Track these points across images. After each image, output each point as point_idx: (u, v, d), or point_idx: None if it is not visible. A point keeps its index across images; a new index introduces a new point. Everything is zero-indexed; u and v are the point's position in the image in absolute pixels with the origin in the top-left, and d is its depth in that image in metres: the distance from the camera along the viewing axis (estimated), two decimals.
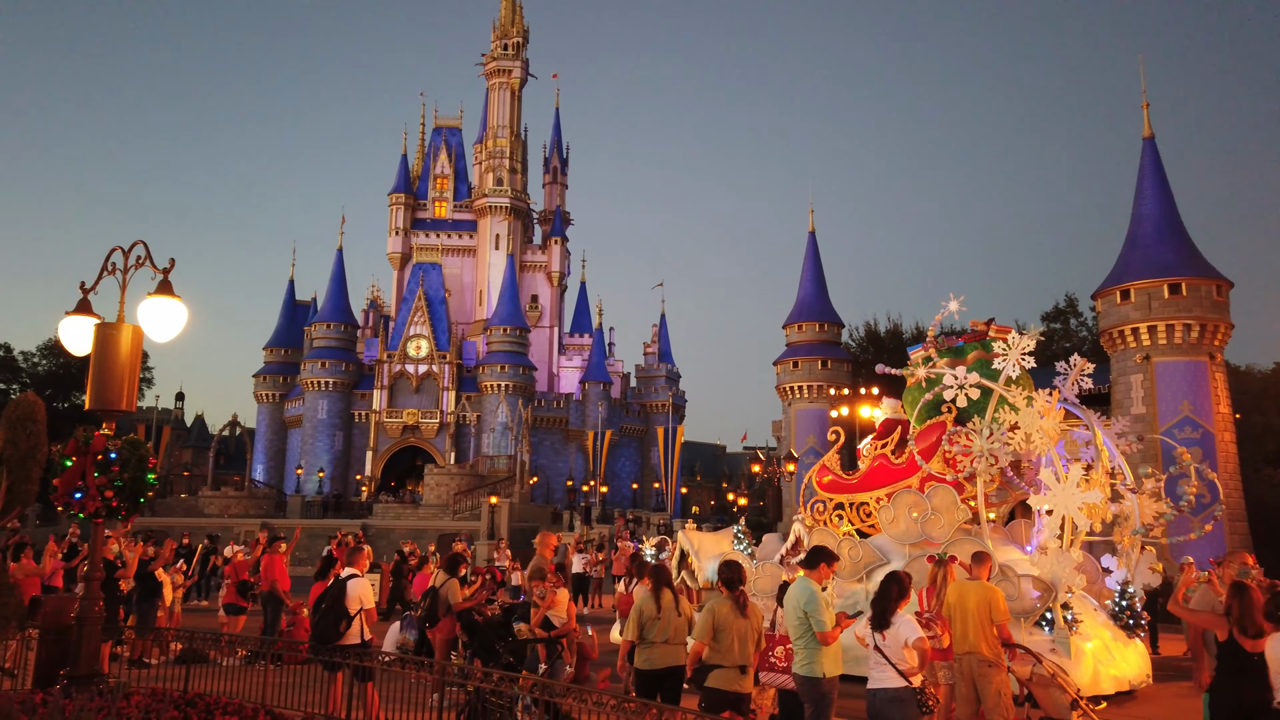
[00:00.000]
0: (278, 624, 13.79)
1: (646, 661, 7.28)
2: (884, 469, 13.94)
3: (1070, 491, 11.10)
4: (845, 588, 12.99)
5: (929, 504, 12.54)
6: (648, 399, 69.76)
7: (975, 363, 13.31)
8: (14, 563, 11.97)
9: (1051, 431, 11.58)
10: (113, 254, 7.46)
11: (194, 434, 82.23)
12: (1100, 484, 11.68)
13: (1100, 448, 12.44)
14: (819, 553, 7.21)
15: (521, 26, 70.74)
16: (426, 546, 27.26)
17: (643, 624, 7.26)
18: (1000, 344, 12.49)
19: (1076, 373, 12.91)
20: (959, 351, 13.87)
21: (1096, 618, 11.61)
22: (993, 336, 13.40)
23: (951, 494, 12.45)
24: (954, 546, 11.80)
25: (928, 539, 12.37)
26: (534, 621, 10.44)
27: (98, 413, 7.18)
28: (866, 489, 13.95)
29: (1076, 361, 13.01)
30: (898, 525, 12.86)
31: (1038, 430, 11.41)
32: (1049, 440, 11.54)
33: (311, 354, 61.76)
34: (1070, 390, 12.98)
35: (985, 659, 7.52)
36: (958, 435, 12.39)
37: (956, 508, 12.34)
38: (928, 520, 12.47)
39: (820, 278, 47.78)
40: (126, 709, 6.10)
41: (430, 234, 68.29)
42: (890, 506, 13.03)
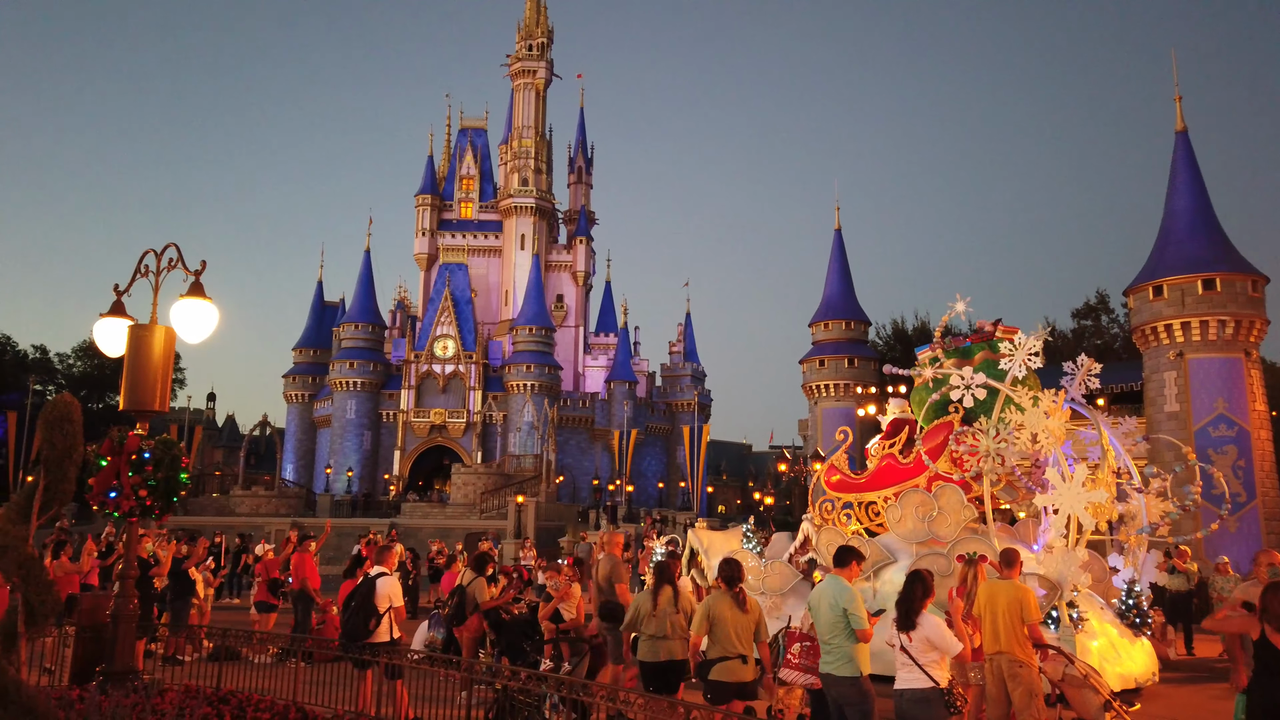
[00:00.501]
0: (308, 622, 13.93)
1: (649, 654, 7.68)
2: (891, 468, 14.11)
3: (1075, 491, 11.17)
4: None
5: (936, 503, 12.68)
6: (673, 398, 69.71)
7: (982, 363, 13.43)
8: (53, 561, 12.19)
9: (1057, 431, 11.66)
10: (145, 256, 7.57)
11: (225, 434, 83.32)
12: (1106, 483, 11.72)
13: (1106, 447, 12.48)
14: (848, 551, 7.23)
15: (546, 27, 70.93)
16: (454, 545, 27.44)
17: (638, 618, 7.71)
18: (1007, 344, 12.60)
19: (1084, 373, 12.94)
20: (966, 352, 14.05)
21: (1103, 616, 11.58)
22: (999, 337, 13.47)
23: (958, 493, 12.59)
24: (960, 545, 11.94)
25: (934, 538, 12.49)
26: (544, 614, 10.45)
27: (132, 413, 7.28)
28: (874, 488, 14.09)
29: (1084, 361, 13.06)
30: (905, 524, 12.99)
31: (1044, 430, 11.50)
32: (1055, 440, 11.60)
33: (340, 355, 62.34)
34: (1077, 390, 13.01)
35: (1016, 660, 7.45)
36: (964, 435, 12.52)
37: (963, 507, 12.48)
38: (934, 519, 12.61)
39: (846, 275, 47.51)
40: (161, 705, 6.19)
41: (456, 235, 68.65)
42: (897, 506, 13.16)
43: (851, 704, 6.71)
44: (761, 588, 13.64)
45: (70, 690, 6.76)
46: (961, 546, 11.78)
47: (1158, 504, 12.82)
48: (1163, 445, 29.84)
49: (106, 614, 7.49)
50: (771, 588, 13.73)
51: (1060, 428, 11.78)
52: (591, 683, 6.77)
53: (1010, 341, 12.54)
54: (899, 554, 13.06)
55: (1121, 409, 32.40)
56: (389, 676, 8.07)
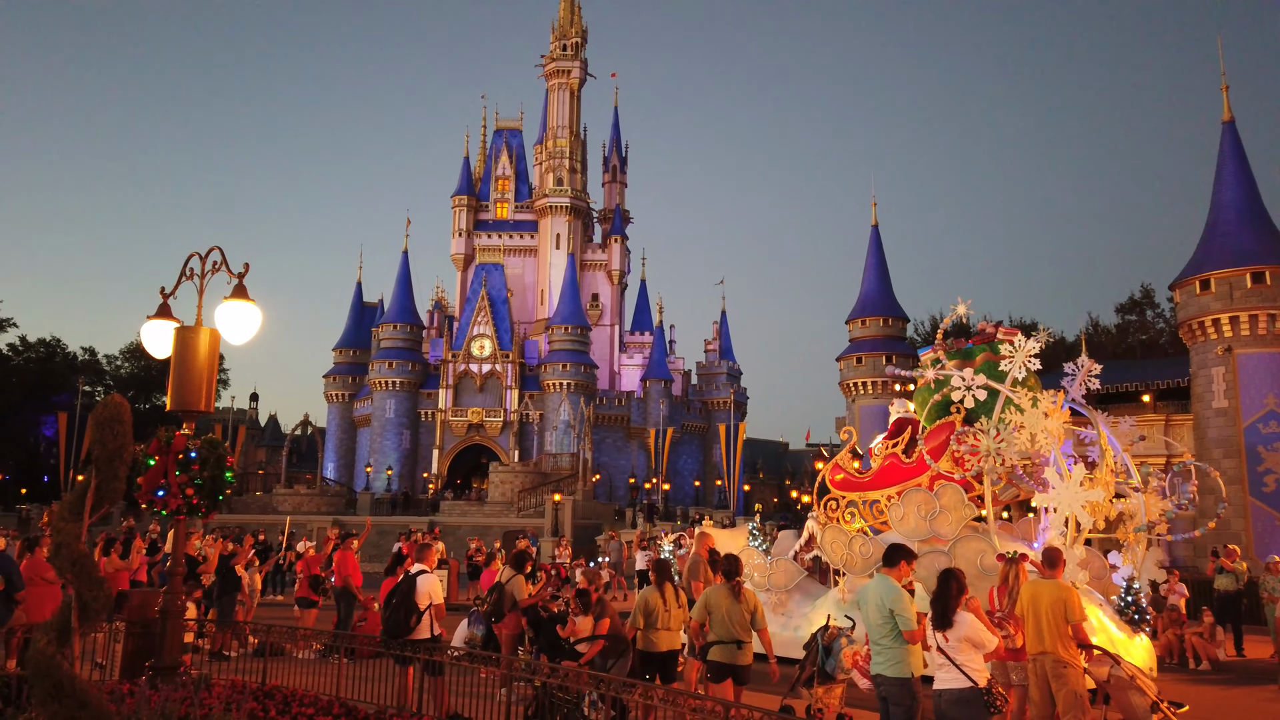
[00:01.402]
0: (350, 618, 14.11)
1: (649, 645, 8.33)
2: (895, 467, 14.41)
3: (1074, 490, 11.37)
4: (856, 583, 13.40)
5: (937, 502, 12.96)
6: (709, 396, 69.59)
7: (983, 364, 13.65)
8: (103, 558, 12.49)
9: (1056, 431, 11.91)
10: (190, 260, 7.71)
11: (267, 433, 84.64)
12: (1104, 482, 11.89)
13: (1105, 447, 12.66)
14: (897, 550, 7.15)
15: (580, 27, 71.12)
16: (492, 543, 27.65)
17: (649, 614, 8.32)
18: (1007, 346, 12.81)
19: (1084, 373, 13.14)
20: (968, 353, 14.39)
21: (1101, 612, 11.58)
22: (1000, 339, 13.75)
23: (959, 492, 12.87)
24: (961, 543, 12.21)
25: (936, 536, 12.75)
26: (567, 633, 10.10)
27: (178, 413, 7.43)
28: (878, 487, 14.39)
29: (1084, 362, 13.28)
30: (907, 522, 13.28)
31: (1043, 430, 11.75)
32: (1054, 440, 11.84)
33: (379, 355, 63.06)
34: (1077, 391, 13.22)
35: (1061, 660, 7.33)
36: (965, 435, 12.80)
37: (964, 505, 12.77)
38: (936, 518, 12.90)
39: (884, 271, 47.09)
40: (208, 699, 6.30)
41: (492, 235, 69.11)
42: (900, 504, 13.46)
43: (898, 704, 6.66)
44: (767, 584, 14.02)
45: (121, 685, 6.92)
46: (962, 544, 12.14)
47: (1156, 502, 13.00)
48: (1210, 442, 29.23)
49: (155, 610, 7.65)
50: (777, 584, 14.09)
51: (1058, 428, 12.01)
52: (630, 680, 6.77)
53: (1011, 343, 12.78)
54: None
55: (1168, 405, 31.83)
56: (430, 673, 8.15)
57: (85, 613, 4.77)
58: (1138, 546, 12.94)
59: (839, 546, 13.52)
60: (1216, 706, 10.69)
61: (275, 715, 6.73)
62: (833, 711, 8.57)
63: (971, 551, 12.13)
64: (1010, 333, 13.76)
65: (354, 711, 7.05)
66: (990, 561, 11.68)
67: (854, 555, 13.15)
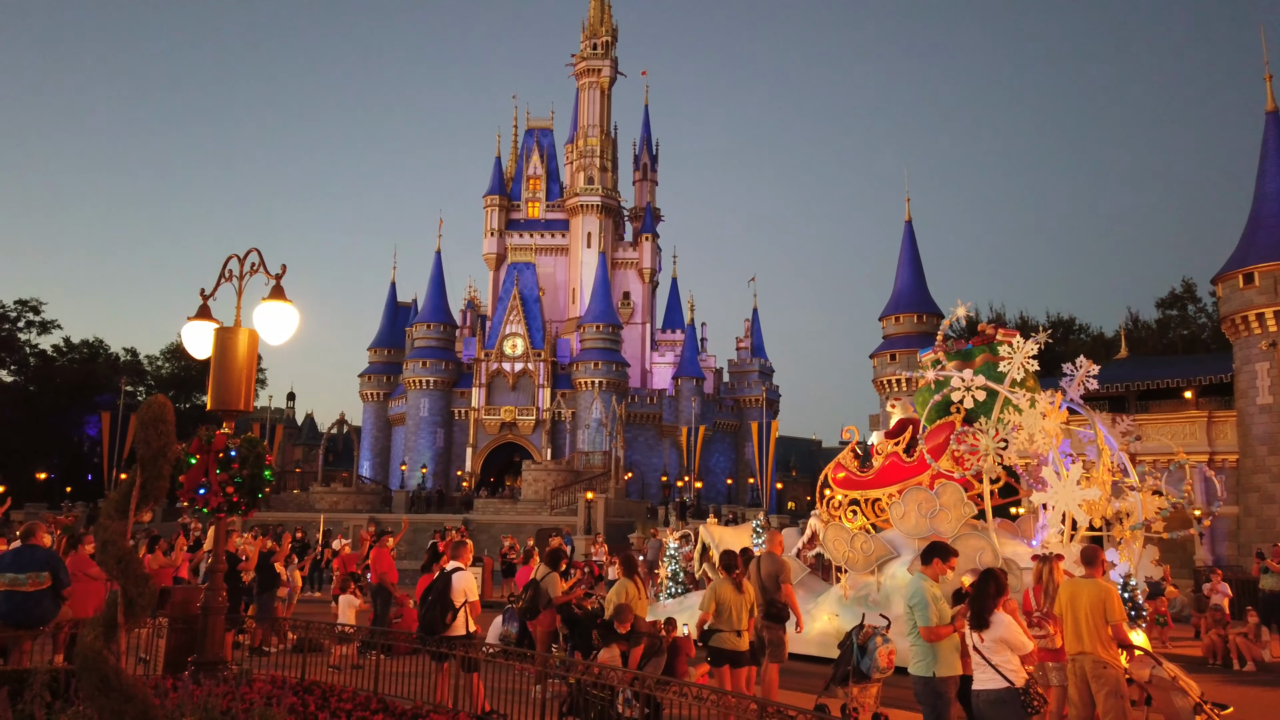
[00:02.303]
0: (387, 615, 14.26)
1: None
2: (896, 466, 14.73)
3: (1070, 488, 11.58)
4: (858, 579, 13.67)
5: (938, 500, 13.25)
6: (741, 394, 69.40)
7: (982, 365, 14.02)
8: (148, 554, 12.73)
9: (1053, 431, 12.19)
10: (229, 262, 7.84)
11: (304, 432, 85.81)
12: (1101, 481, 12.10)
13: (1102, 446, 12.87)
14: (933, 549, 7.13)
15: (610, 25, 71.20)
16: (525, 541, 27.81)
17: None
18: (1006, 347, 13.08)
19: (1083, 374, 13.34)
20: (967, 355, 14.77)
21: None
22: (999, 340, 14.07)
23: (959, 491, 13.17)
24: (960, 541, 12.48)
25: (936, 533, 12.94)
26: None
27: (218, 412, 7.56)
28: (879, 485, 14.78)
29: (1082, 363, 13.52)
30: (908, 520, 13.54)
31: (1040, 430, 12.04)
32: (1051, 439, 12.11)
33: (413, 354, 63.62)
34: (1076, 391, 13.40)
35: (1100, 660, 7.23)
36: (965, 435, 13.01)
37: (963, 504, 13.08)
38: (936, 516, 13.19)
39: (918, 267, 46.66)
40: (249, 694, 6.41)
41: (524, 234, 69.43)
42: (901, 502, 13.72)
43: (922, 702, 6.63)
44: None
45: (164, 679, 7.05)
46: (961, 542, 12.31)
47: (1152, 501, 13.16)
48: (1254, 439, 28.60)
49: (197, 606, 7.80)
50: None
51: (1056, 428, 12.28)
52: (664, 678, 6.79)
53: (1009, 345, 13.07)
54: (902, 549, 13.53)
55: (1211, 402, 31.20)
56: (465, 669, 8.22)
57: (130, 609, 4.87)
58: (1134, 544, 13.12)
59: (841, 544, 13.79)
60: (1261, 708, 10.48)
61: (314, 710, 6.82)
62: (868, 711, 8.52)
63: (970, 549, 12.37)
64: (1009, 334, 14.15)
65: (391, 707, 7.13)
66: (988, 559, 12.08)
67: (855, 552, 13.44)
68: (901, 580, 13.21)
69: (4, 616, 8.57)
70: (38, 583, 8.62)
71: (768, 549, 10.41)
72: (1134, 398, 30.59)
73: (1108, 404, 29.06)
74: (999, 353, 13.33)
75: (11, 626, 8.52)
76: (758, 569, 10.13)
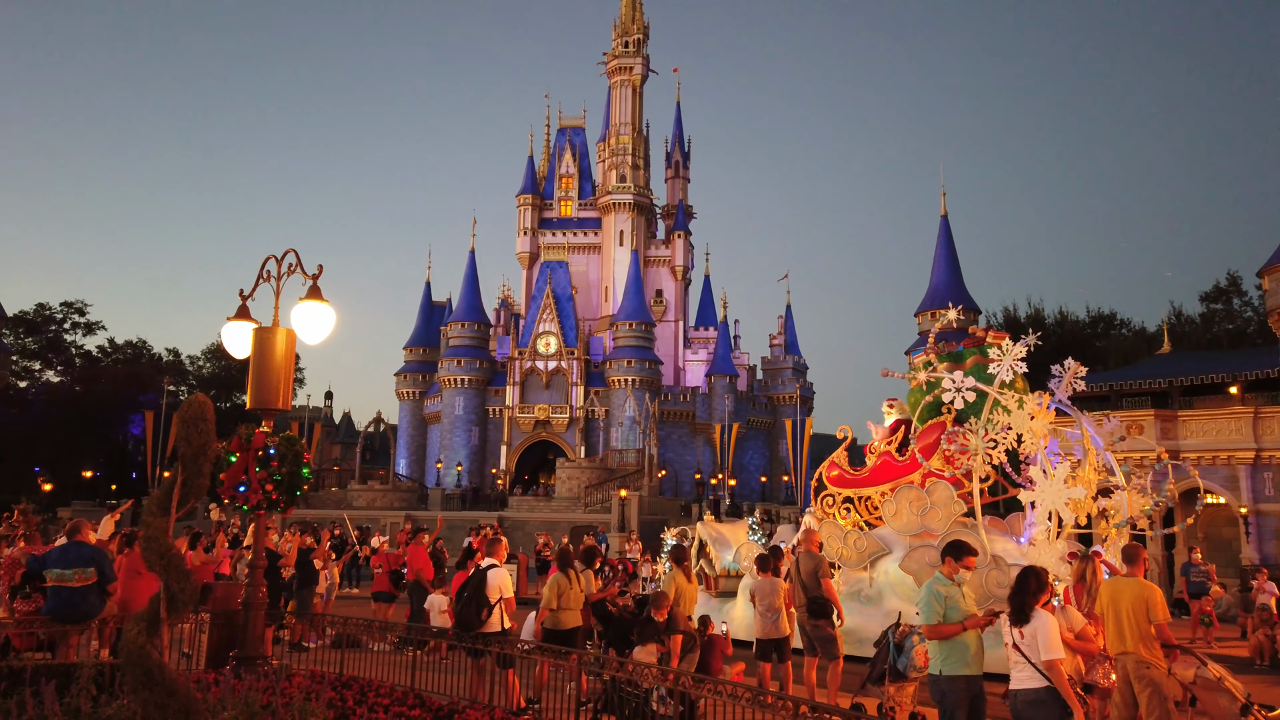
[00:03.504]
0: (423, 612, 14.39)
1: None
2: (888, 465, 15.28)
3: (1057, 487, 11.96)
4: (851, 575, 14.03)
5: (929, 499, 13.73)
6: (775, 391, 69.12)
7: (973, 367, 14.41)
8: (190, 551, 12.96)
9: (1041, 431, 12.61)
10: (267, 263, 7.95)
11: (342, 430, 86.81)
12: (1086, 480, 12.49)
13: (1088, 447, 13.21)
14: (947, 547, 7.10)
15: (642, 23, 71.20)
16: (559, 538, 27.92)
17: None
18: (996, 349, 13.51)
19: (1070, 375, 13.67)
20: (958, 356, 15.23)
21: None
22: (990, 342, 14.54)
23: (949, 489, 13.63)
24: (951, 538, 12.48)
25: (927, 531, 13.50)
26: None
27: (257, 411, 7.68)
28: (872, 484, 15.24)
29: (1070, 365, 13.87)
30: (900, 518, 14.00)
31: (1028, 430, 12.47)
32: (1038, 440, 12.54)
33: (448, 353, 64.13)
34: (1064, 392, 13.75)
35: (1143, 660, 7.10)
36: (956, 434, 13.38)
37: (953, 502, 13.54)
38: (927, 513, 13.67)
39: (954, 262, 46.16)
40: (289, 689, 6.50)
41: (557, 233, 69.70)
42: (893, 500, 14.19)
43: (934, 700, 6.57)
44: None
45: (206, 673, 7.18)
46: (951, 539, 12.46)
47: (1138, 499, 13.41)
48: None
49: (238, 602, 7.93)
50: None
51: (1043, 428, 12.69)
52: (699, 675, 6.78)
53: (999, 347, 13.41)
54: (894, 546, 13.96)
55: (1258, 398, 30.49)
56: (501, 666, 8.27)
57: (173, 604, 4.96)
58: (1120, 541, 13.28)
59: (835, 541, 14.18)
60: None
61: (353, 705, 6.91)
62: (905, 710, 8.45)
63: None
64: (999, 336, 14.55)
65: (428, 702, 7.20)
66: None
67: (849, 549, 13.82)
68: (894, 576, 13.45)
69: (52, 611, 8.78)
70: (84, 578, 8.82)
71: (805, 547, 10.41)
72: (1177, 393, 29.99)
73: (1150, 399, 28.56)
74: (989, 355, 13.79)
75: (59, 621, 8.72)
76: (797, 567, 10.13)
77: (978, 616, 6.62)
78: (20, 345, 65.34)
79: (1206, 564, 18.11)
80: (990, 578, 12.48)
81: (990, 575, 12.50)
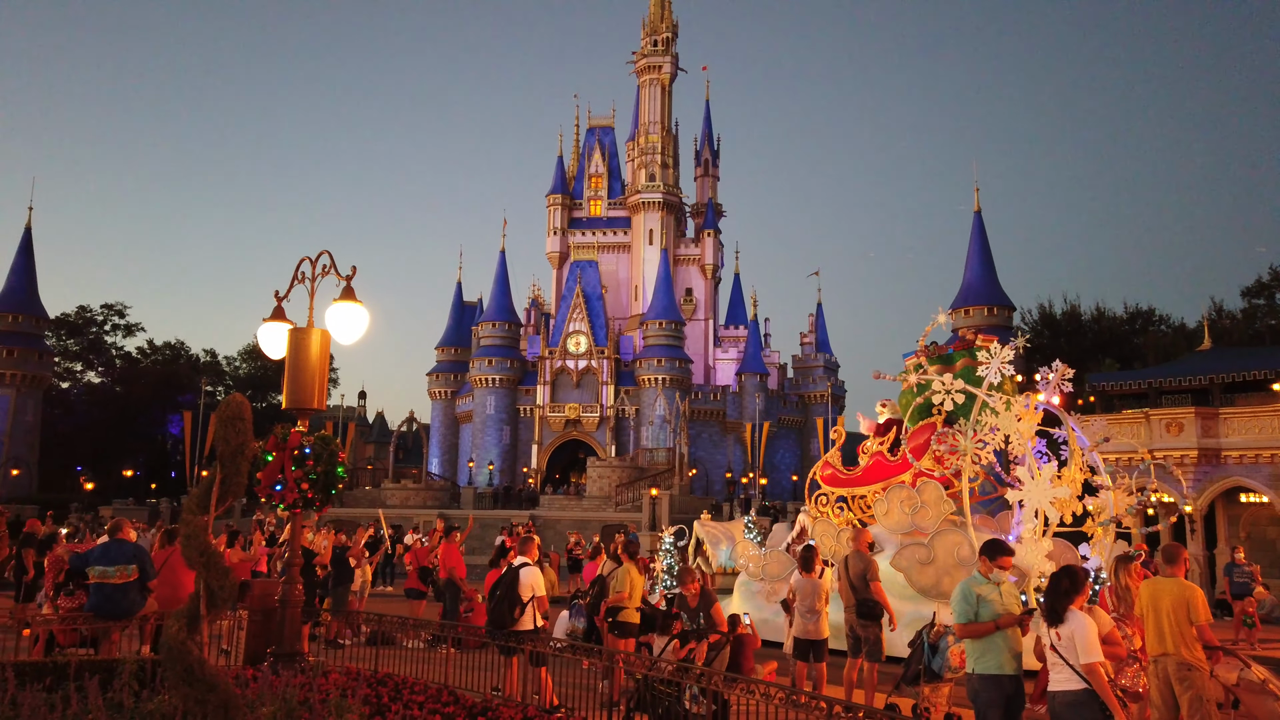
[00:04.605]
0: (457, 610, 14.49)
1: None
2: (880, 465, 15.79)
3: (1042, 487, 12.32)
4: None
5: (919, 498, 14.20)
6: (805, 390, 68.76)
7: (963, 369, 14.90)
8: (228, 549, 13.16)
9: (1028, 433, 12.96)
10: (301, 264, 8.04)
11: (375, 430, 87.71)
12: (1071, 480, 12.86)
13: (1074, 448, 13.56)
14: (984, 546, 7.00)
15: (671, 21, 71.14)
16: (590, 537, 27.97)
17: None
18: (984, 352, 13.85)
19: (1058, 377, 13.99)
20: (948, 359, 15.74)
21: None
22: (979, 345, 14.97)
23: (938, 489, 14.07)
24: (939, 536, 13.27)
25: (917, 529, 13.93)
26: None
27: (293, 411, 7.77)
28: (865, 483, 15.74)
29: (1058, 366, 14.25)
30: (891, 517, 14.47)
31: (1015, 432, 12.81)
32: (1024, 441, 12.89)
33: (479, 352, 64.51)
34: (1051, 394, 14.07)
35: (1184, 662, 6.97)
36: (945, 435, 13.81)
37: (943, 501, 14.00)
38: (918, 512, 14.11)
39: (988, 258, 45.62)
40: (325, 685, 6.57)
41: (586, 232, 69.85)
42: (885, 499, 14.71)
43: (971, 700, 6.49)
44: (762, 574, 15.04)
45: (244, 670, 7.28)
46: (940, 537, 13.20)
47: (1123, 499, 13.63)
48: None
49: (275, 599, 8.02)
50: (771, 574, 15.10)
51: (1030, 430, 13.05)
52: (732, 674, 6.76)
53: (987, 350, 13.70)
54: (885, 544, 14.29)
55: None
56: (533, 664, 8.30)
57: (213, 601, 5.03)
58: (1105, 539, 13.72)
59: (828, 539, 14.54)
60: None
61: (388, 702, 6.97)
62: (940, 711, 8.37)
63: (949, 544, 13.16)
64: (988, 340, 14.91)
65: (461, 699, 7.25)
66: (965, 553, 12.85)
67: (841, 546, 14.02)
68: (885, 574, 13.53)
69: (94, 608, 8.95)
70: (125, 575, 8.98)
71: (854, 548, 10.33)
72: (1218, 390, 29.42)
73: (1191, 397, 28.04)
74: (978, 358, 14.24)
75: (101, 618, 8.89)
76: (846, 568, 10.03)
77: (1011, 615, 6.53)
78: (62, 347, 66.71)
79: (1250, 564, 17.77)
80: None
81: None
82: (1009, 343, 13.65)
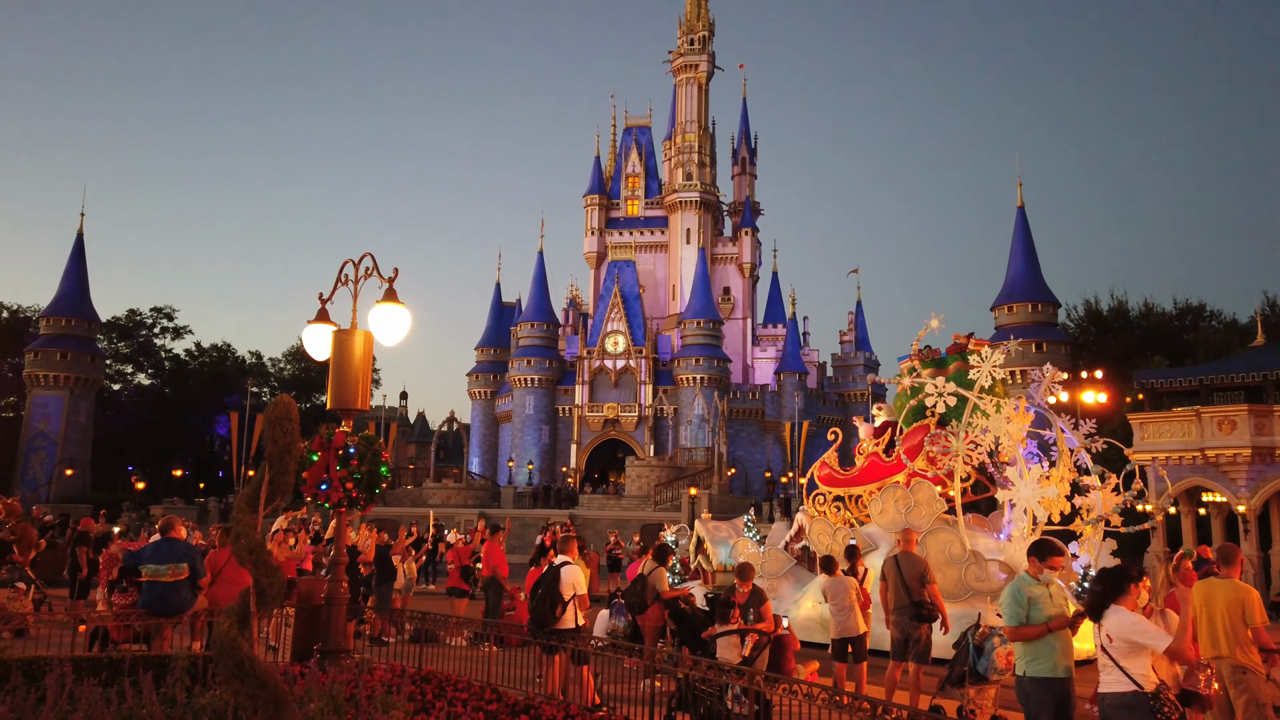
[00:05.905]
0: (499, 608, 14.60)
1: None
2: (875, 465, 16.24)
3: (1031, 486, 12.60)
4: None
5: (913, 497, 14.56)
6: (845, 388, 68.24)
7: (955, 372, 15.23)
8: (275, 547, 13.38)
9: (1018, 434, 13.26)
10: (345, 267, 8.15)
11: (417, 430, 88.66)
12: (1060, 479, 13.08)
13: (1063, 449, 13.84)
14: (1033, 546, 6.83)
15: (707, 20, 71.00)
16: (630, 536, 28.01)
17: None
18: (976, 356, 14.28)
19: (1049, 380, 14.23)
20: (941, 363, 16.14)
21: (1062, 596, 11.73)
22: (971, 349, 15.39)
23: (931, 488, 14.43)
24: (932, 535, 13.53)
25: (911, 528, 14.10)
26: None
27: (337, 411, 7.89)
28: (860, 483, 16.15)
29: (1049, 370, 14.54)
30: (885, 516, 14.84)
31: (1005, 433, 13.15)
32: (1015, 442, 13.18)
33: (518, 353, 64.95)
34: (1043, 396, 14.26)
35: (1239, 665, 6.82)
36: (938, 437, 14.24)
37: (935, 500, 14.33)
38: (911, 511, 14.44)
39: (1031, 254, 44.92)
40: (370, 682, 6.66)
41: (623, 232, 69.96)
42: (880, 499, 15.11)
43: (1021, 703, 6.36)
44: (760, 571, 15.16)
45: (292, 666, 7.40)
46: (933, 536, 13.48)
47: (1110, 498, 13.77)
48: None
49: (320, 597, 8.15)
50: (769, 571, 15.52)
51: (1020, 431, 13.34)
52: (774, 674, 6.73)
53: (979, 354, 14.13)
54: (880, 542, 14.60)
55: None
56: (575, 662, 8.34)
57: (262, 599, 5.13)
58: (1094, 537, 13.90)
59: (825, 537, 14.91)
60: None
61: (432, 698, 7.05)
62: (986, 713, 8.27)
63: (941, 542, 13.46)
64: (980, 344, 15.43)
65: (504, 697, 7.30)
66: (957, 551, 13.18)
67: (838, 545, 14.14)
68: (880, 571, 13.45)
69: (147, 605, 9.17)
70: (176, 573, 9.18)
71: (903, 548, 9.97)
72: (1272, 387, 28.65)
73: (1243, 394, 27.34)
74: (970, 361, 14.52)
75: (154, 614, 9.10)
76: (897, 569, 9.67)
77: (1063, 617, 6.40)
78: (114, 349, 68.33)
79: None
80: (969, 572, 13.07)
81: (969, 570, 13.08)
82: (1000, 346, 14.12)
